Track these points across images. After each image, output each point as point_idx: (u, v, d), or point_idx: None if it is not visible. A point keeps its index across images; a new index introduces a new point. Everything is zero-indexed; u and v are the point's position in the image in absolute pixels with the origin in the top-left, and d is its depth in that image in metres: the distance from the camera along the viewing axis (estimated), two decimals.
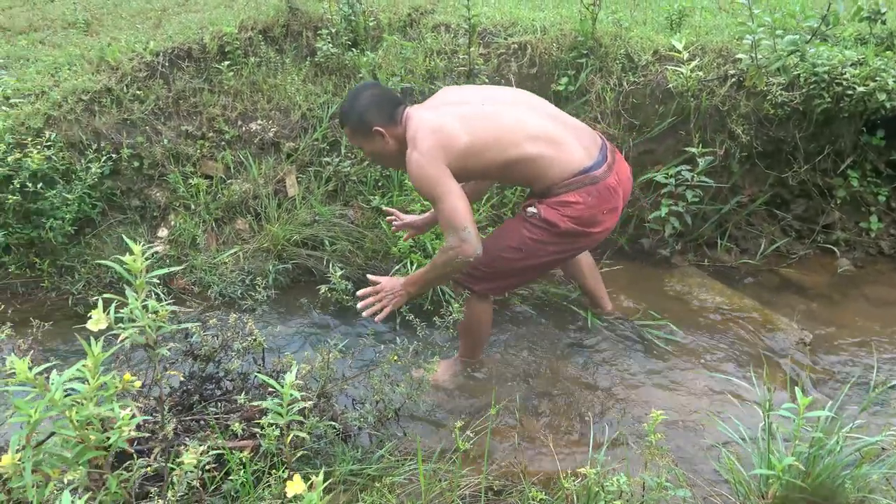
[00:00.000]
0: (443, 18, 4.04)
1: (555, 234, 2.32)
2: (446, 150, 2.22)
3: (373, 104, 2.34)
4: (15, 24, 5.03)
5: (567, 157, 2.29)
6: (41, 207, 3.34)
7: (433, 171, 2.22)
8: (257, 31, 4.15)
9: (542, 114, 2.39)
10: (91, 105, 3.67)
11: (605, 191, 2.31)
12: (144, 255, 1.27)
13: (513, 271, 2.47)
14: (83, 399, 1.07)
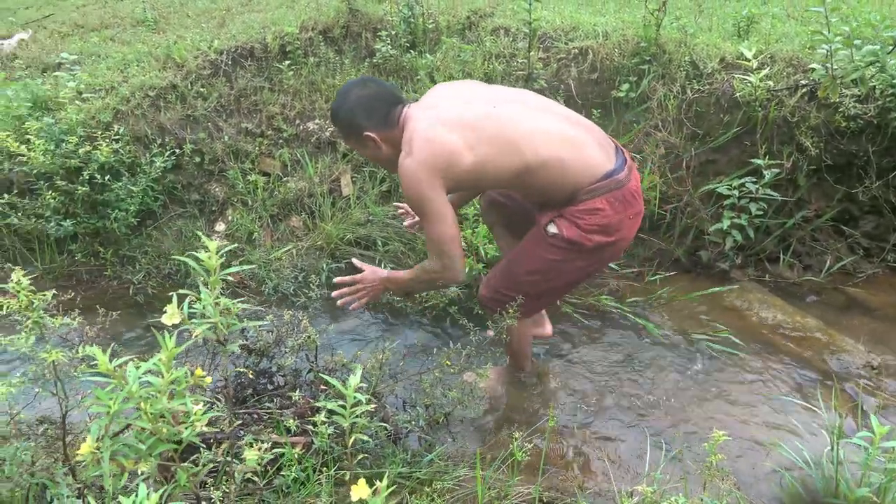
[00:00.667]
0: (502, 22, 4.01)
1: (578, 251, 2.13)
2: (445, 170, 2.01)
3: (361, 105, 2.10)
4: (88, 21, 5.24)
5: (589, 160, 2.07)
6: (107, 198, 3.46)
7: (426, 190, 2.02)
8: (317, 32, 4.22)
9: (558, 115, 2.15)
10: (157, 101, 3.78)
11: (629, 195, 2.11)
12: (218, 253, 1.29)
13: (539, 293, 2.29)
14: (157, 392, 1.09)
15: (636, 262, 3.45)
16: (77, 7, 5.77)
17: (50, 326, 1.44)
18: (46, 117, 3.47)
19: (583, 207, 2.07)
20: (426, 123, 2.04)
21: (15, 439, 1.63)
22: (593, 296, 3.20)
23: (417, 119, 2.07)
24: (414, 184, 2.02)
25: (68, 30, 5.15)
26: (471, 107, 2.09)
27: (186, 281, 3.51)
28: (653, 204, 3.34)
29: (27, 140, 3.35)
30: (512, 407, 2.53)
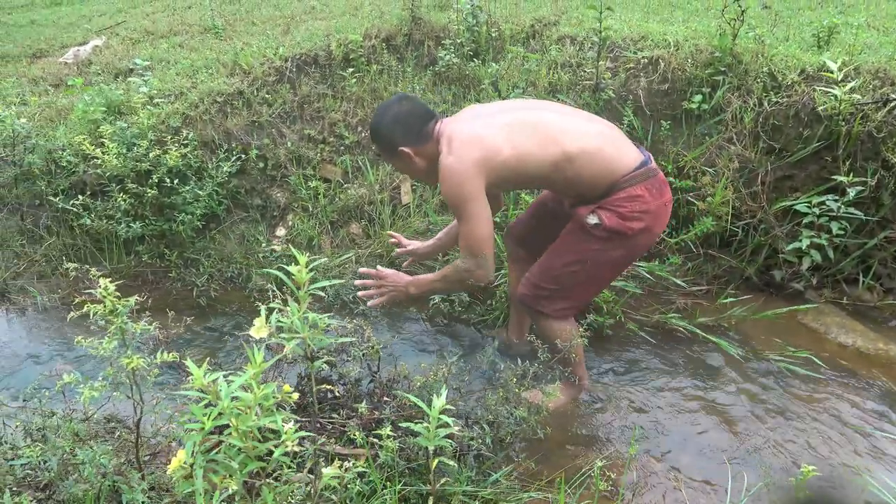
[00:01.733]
0: (567, 30, 3.95)
1: (619, 239, 2.19)
2: (487, 166, 2.07)
3: (398, 123, 2.20)
4: (158, 28, 5.39)
5: (624, 151, 2.18)
6: (174, 202, 3.52)
7: (467, 186, 2.08)
8: (381, 40, 4.23)
9: (587, 117, 2.29)
10: (224, 107, 3.85)
11: (661, 183, 2.22)
12: (308, 268, 1.27)
13: (581, 285, 2.32)
14: (246, 408, 1.07)
15: (704, 279, 3.32)
16: (147, 14, 5.96)
17: (131, 332, 1.44)
18: (119, 121, 3.57)
19: (623, 195, 2.14)
20: (465, 126, 2.15)
21: (92, 441, 1.64)
22: (660, 313, 3.10)
23: (455, 126, 2.18)
24: (455, 182, 2.08)
25: (139, 36, 5.31)
26: (506, 113, 2.22)
27: (248, 285, 3.54)
28: (724, 220, 3.21)
29: (101, 143, 3.45)
30: (579, 429, 2.44)
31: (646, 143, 3.37)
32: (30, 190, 3.78)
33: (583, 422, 2.49)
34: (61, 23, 6.24)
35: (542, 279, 2.31)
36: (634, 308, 3.14)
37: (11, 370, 3.03)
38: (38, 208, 3.82)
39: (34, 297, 3.51)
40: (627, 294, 3.11)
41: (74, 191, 3.66)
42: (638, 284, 3.18)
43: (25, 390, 2.10)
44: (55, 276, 3.68)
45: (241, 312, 3.42)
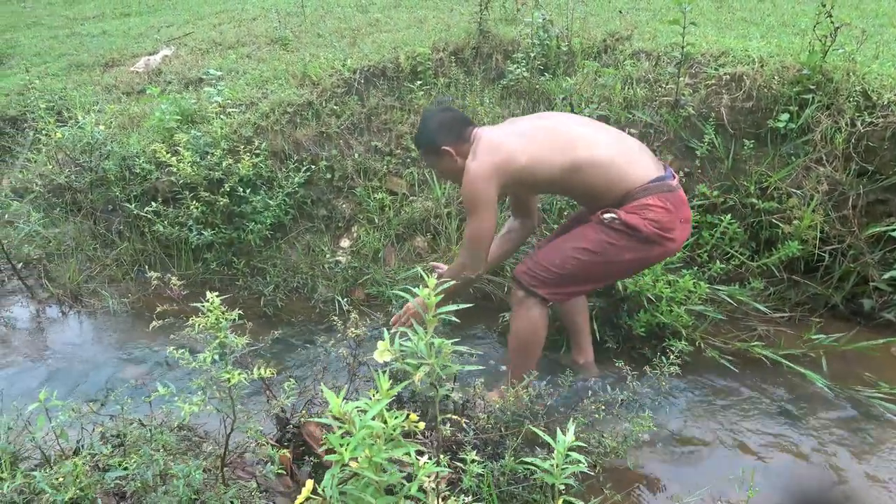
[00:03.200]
0: (641, 45, 3.85)
1: (635, 239, 2.28)
2: (503, 170, 2.30)
3: (443, 126, 2.47)
4: (225, 38, 5.49)
5: (640, 164, 2.31)
6: (244, 210, 3.54)
7: (482, 189, 2.31)
8: (448, 53, 4.21)
9: (611, 130, 2.45)
10: (294, 117, 3.87)
11: (679, 200, 2.32)
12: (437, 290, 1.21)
13: (583, 276, 2.40)
14: (376, 437, 1.02)
15: (787, 306, 3.17)
16: (214, 26, 6.08)
17: (230, 346, 1.41)
18: (193, 130, 3.62)
19: (636, 204, 2.26)
20: (491, 134, 2.41)
21: (183, 454, 1.62)
22: (741, 340, 2.96)
23: (486, 132, 2.44)
24: (472, 181, 2.32)
25: (207, 46, 5.41)
26: (530, 121, 2.50)
27: (313, 296, 3.53)
28: (811, 244, 3.06)
29: (176, 151, 3.49)
30: (662, 461, 2.33)
31: (727, 162, 3.25)
32: (104, 195, 3.85)
33: (663, 453, 2.37)
34: (131, 33, 6.41)
35: (548, 258, 2.38)
36: (713, 334, 3.01)
37: (83, 374, 3.07)
38: (111, 213, 3.90)
39: (105, 301, 3.57)
40: (707, 319, 2.98)
41: (147, 197, 3.72)
42: (717, 309, 3.05)
43: (111, 395, 2.10)
44: (125, 281, 3.74)
45: (306, 323, 3.41)
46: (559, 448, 1.25)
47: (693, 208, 3.26)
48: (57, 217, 3.90)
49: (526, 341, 2.49)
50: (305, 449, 2.23)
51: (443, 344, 1.20)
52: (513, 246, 2.86)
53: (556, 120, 2.49)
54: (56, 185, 3.91)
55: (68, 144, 3.81)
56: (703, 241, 3.27)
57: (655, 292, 2.90)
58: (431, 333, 1.20)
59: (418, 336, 1.21)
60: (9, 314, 3.59)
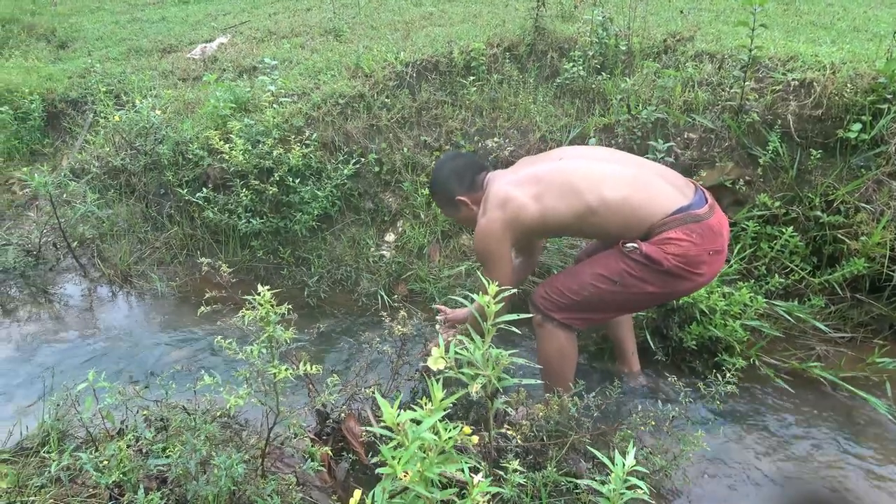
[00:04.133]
0: (704, 47, 3.72)
1: (657, 272, 2.14)
2: (513, 225, 2.23)
3: (454, 175, 2.44)
4: (280, 28, 5.53)
5: (659, 198, 2.16)
6: (292, 200, 3.55)
7: (493, 245, 2.26)
8: (503, 49, 4.14)
9: (628, 162, 2.29)
10: (345, 109, 3.86)
11: (708, 231, 2.13)
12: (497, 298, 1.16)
13: (600, 304, 2.28)
14: (428, 450, 0.98)
15: (848, 326, 3.01)
16: (270, 15, 6.13)
17: (278, 340, 1.39)
18: (246, 118, 3.64)
19: (656, 240, 2.12)
20: (500, 185, 2.31)
21: (225, 445, 1.61)
22: (797, 359, 2.83)
23: (496, 182, 2.34)
24: (484, 239, 2.27)
25: (262, 35, 5.46)
26: (542, 163, 2.34)
27: (356, 289, 3.52)
28: (879, 262, 2.90)
29: (228, 139, 3.52)
30: (711, 481, 2.23)
31: (791, 171, 3.10)
32: (157, 179, 3.92)
33: (712, 474, 2.27)
34: (189, 20, 6.53)
35: (566, 284, 2.29)
36: (768, 351, 2.88)
37: (129, 354, 3.12)
38: (162, 197, 3.96)
39: (153, 283, 3.63)
40: (763, 336, 2.85)
41: (198, 183, 3.76)
42: (773, 325, 2.92)
43: (156, 379, 2.12)
44: (174, 264, 3.79)
45: (348, 316, 3.40)
46: (617, 471, 1.18)
47: (752, 218, 3.14)
48: (111, 198, 3.99)
49: (555, 365, 2.39)
50: (344, 444, 2.22)
51: (500, 355, 1.14)
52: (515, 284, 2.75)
53: (570, 160, 2.31)
54: (112, 167, 3.99)
55: (125, 127, 3.88)
56: (761, 253, 3.13)
57: (709, 304, 2.80)
58: (489, 343, 1.15)
59: (475, 345, 1.16)
60: (63, 291, 3.69)
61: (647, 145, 3.35)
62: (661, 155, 3.22)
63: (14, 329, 3.37)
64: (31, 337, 3.29)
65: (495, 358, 1.14)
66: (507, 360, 1.17)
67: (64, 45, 6.35)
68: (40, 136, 4.82)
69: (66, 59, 5.86)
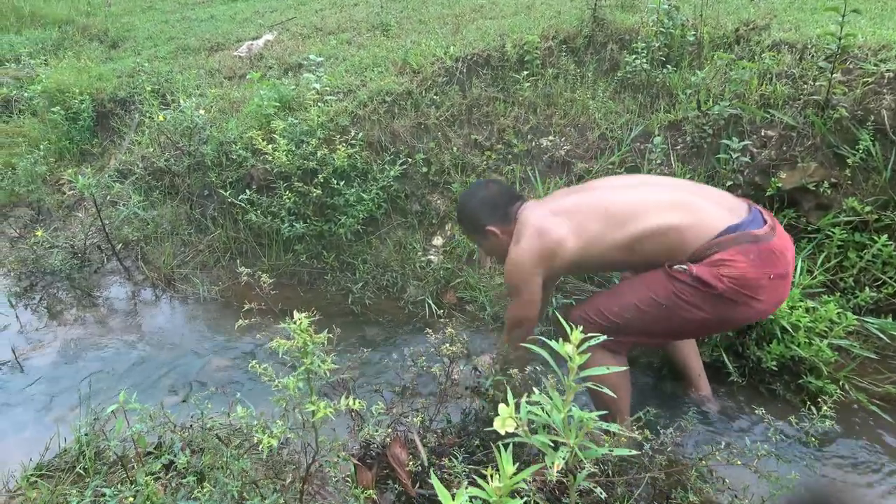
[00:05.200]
0: (782, 36, 3.40)
1: (709, 296, 1.93)
2: (549, 257, 2.12)
3: (486, 205, 2.34)
4: (326, 24, 5.41)
5: (706, 219, 1.97)
6: (336, 203, 3.40)
7: (526, 275, 2.17)
8: (558, 42, 3.90)
9: (671, 187, 2.14)
10: (392, 107, 3.69)
11: (768, 253, 1.91)
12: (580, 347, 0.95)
13: (644, 328, 2.07)
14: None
15: None
16: (316, 11, 6.02)
17: (317, 373, 1.22)
18: (290, 117, 3.51)
19: (707, 262, 1.94)
20: (538, 215, 2.20)
21: (261, 483, 1.45)
22: (893, 382, 2.52)
23: (531, 212, 2.23)
24: (516, 270, 2.18)
25: (308, 32, 5.35)
26: (578, 196, 2.23)
27: (403, 296, 3.35)
28: None
29: (272, 139, 3.39)
30: None
31: (885, 173, 2.78)
32: (201, 180, 3.83)
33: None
34: (237, 18, 6.48)
35: (605, 306, 2.12)
36: (859, 374, 2.58)
37: (170, 363, 3.04)
38: (206, 199, 3.88)
39: (196, 288, 3.54)
40: (853, 357, 2.56)
41: (241, 184, 3.66)
42: (863, 344, 2.62)
43: (191, 398, 1.99)
44: (217, 268, 3.70)
45: (394, 324, 3.24)
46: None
47: (838, 224, 2.84)
48: (156, 200, 3.93)
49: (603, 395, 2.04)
50: (389, 472, 2.05)
51: (586, 419, 0.93)
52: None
53: (606, 190, 2.21)
54: (156, 168, 3.93)
55: (169, 128, 3.81)
56: (848, 263, 2.83)
57: (792, 321, 2.52)
58: (570, 402, 0.94)
59: (553, 404, 0.95)
60: (107, 294, 3.64)
61: (719, 144, 3.07)
62: (735, 154, 2.94)
63: (59, 333, 3.34)
64: (75, 342, 3.24)
65: (578, 422, 0.93)
66: (594, 425, 0.95)
67: (115, 45, 6.39)
68: (90, 136, 4.82)
69: (116, 58, 5.88)
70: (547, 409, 0.93)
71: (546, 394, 0.96)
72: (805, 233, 2.95)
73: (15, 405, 2.83)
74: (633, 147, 3.33)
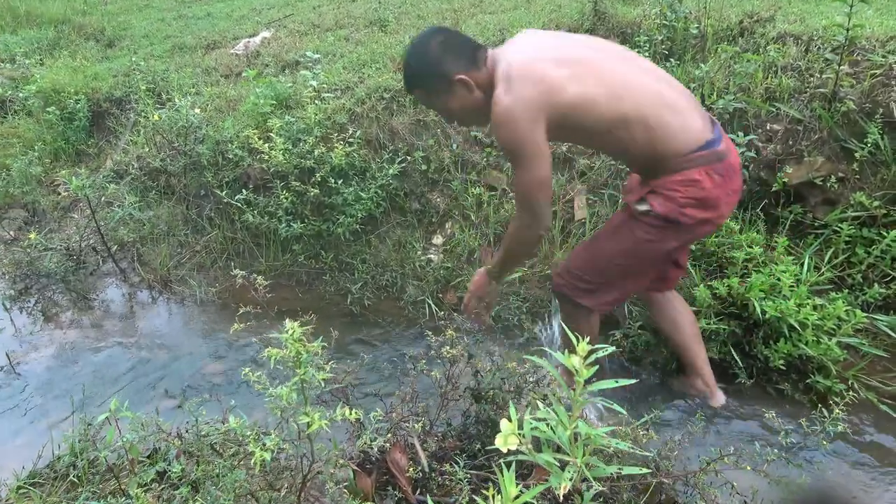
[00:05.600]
0: (787, 28, 3.34)
1: (673, 228, 1.95)
2: (550, 103, 1.81)
3: (448, 50, 1.90)
4: (324, 21, 5.35)
5: (691, 126, 1.88)
6: (334, 202, 3.35)
7: (527, 129, 1.81)
8: None
9: (657, 75, 1.96)
10: (391, 104, 3.63)
11: (730, 169, 1.93)
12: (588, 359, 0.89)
13: (625, 277, 2.12)
14: None
15: None
16: (314, 7, 5.97)
17: (311, 383, 1.17)
18: (287, 116, 3.45)
19: (679, 178, 1.90)
20: (524, 57, 1.87)
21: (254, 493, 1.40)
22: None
23: (511, 57, 1.88)
24: (512, 124, 1.82)
25: (306, 29, 5.29)
26: (571, 46, 1.95)
27: (402, 296, 3.30)
28: None
29: (268, 137, 3.34)
30: None
31: (894, 167, 2.72)
32: (197, 180, 3.78)
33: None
34: (234, 15, 6.42)
35: (586, 271, 2.12)
36: (869, 372, 2.53)
37: (167, 366, 2.99)
38: (202, 199, 3.82)
39: (193, 289, 3.49)
40: (862, 355, 2.51)
41: (238, 184, 3.60)
42: (872, 342, 2.56)
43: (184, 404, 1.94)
44: (214, 269, 3.65)
45: (393, 325, 3.19)
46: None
47: (846, 220, 2.78)
48: (151, 200, 3.88)
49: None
50: (389, 478, 2.00)
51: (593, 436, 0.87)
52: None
53: (608, 60, 1.92)
54: (152, 168, 3.88)
55: (165, 127, 3.76)
56: (856, 259, 2.77)
57: (800, 318, 2.46)
58: (578, 417, 0.89)
59: (559, 419, 0.89)
60: (103, 297, 3.60)
61: None
62: (740, 149, 2.88)
63: (54, 336, 3.29)
64: (71, 345, 3.19)
65: (585, 438, 0.88)
66: (602, 442, 0.89)
67: (112, 44, 6.34)
68: (86, 136, 4.77)
69: (112, 57, 5.83)
70: (552, 425, 0.88)
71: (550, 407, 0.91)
72: (812, 228, 2.89)
73: (9, 410, 2.78)
74: None
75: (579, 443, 0.86)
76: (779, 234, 2.82)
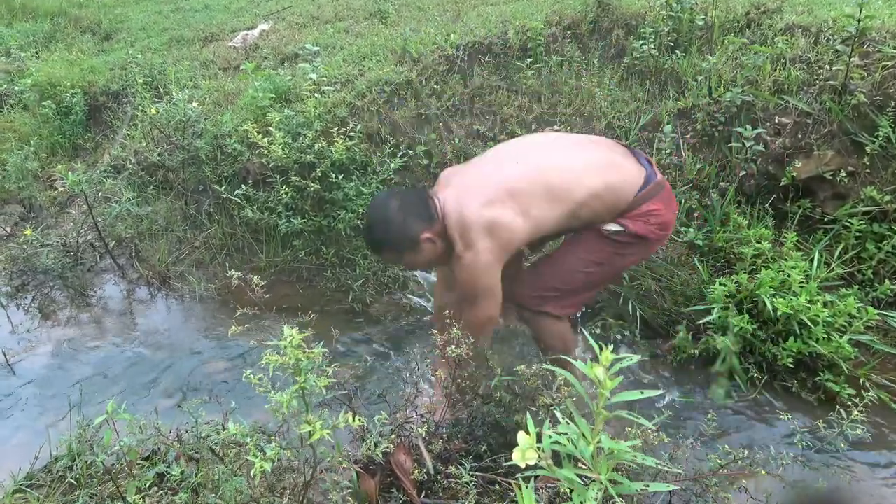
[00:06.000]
0: (795, 19, 3.28)
1: (642, 244, 2.20)
2: (507, 249, 2.06)
3: (409, 212, 2.08)
4: (323, 13, 5.28)
5: (630, 175, 2.14)
6: (335, 197, 3.29)
7: (487, 279, 2.05)
8: (563, 27, 3.78)
9: (586, 148, 2.21)
10: (392, 97, 3.57)
11: (670, 192, 2.23)
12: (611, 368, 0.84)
13: (590, 285, 2.31)
14: None
15: None
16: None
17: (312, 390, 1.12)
18: (287, 109, 3.40)
19: (639, 212, 2.12)
20: (470, 208, 2.03)
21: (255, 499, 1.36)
22: None
23: (457, 204, 2.05)
24: (475, 274, 2.04)
25: (305, 21, 5.22)
26: (502, 170, 2.11)
27: (404, 293, 3.25)
28: None
29: (267, 132, 3.28)
30: None
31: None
32: (195, 175, 3.73)
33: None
34: (232, 7, 6.34)
35: (553, 280, 2.26)
36: (880, 370, 2.49)
37: (166, 365, 2.94)
38: (201, 194, 3.77)
39: (192, 286, 3.44)
40: (873, 353, 2.47)
41: (237, 179, 3.55)
42: (885, 340, 2.52)
43: (183, 405, 1.90)
44: (213, 265, 3.60)
45: (396, 322, 3.14)
46: None
47: (856, 215, 2.73)
48: (149, 195, 3.82)
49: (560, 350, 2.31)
50: (393, 480, 1.96)
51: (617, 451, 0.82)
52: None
53: (530, 162, 2.12)
54: (150, 162, 3.82)
55: (162, 121, 3.70)
56: (866, 255, 2.73)
57: (810, 315, 2.42)
58: (601, 431, 0.84)
59: (581, 434, 0.84)
60: (101, 293, 3.55)
61: (731, 132, 2.96)
62: (748, 143, 2.83)
63: (52, 334, 3.24)
64: (69, 343, 3.15)
65: (608, 453, 0.83)
66: (626, 457, 0.85)
67: (108, 37, 6.26)
68: (82, 130, 4.70)
69: (109, 50, 5.76)
70: (573, 439, 0.83)
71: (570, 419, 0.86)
72: (821, 223, 2.84)
73: (6, 410, 2.74)
74: (641, 136, 3.22)
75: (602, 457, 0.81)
76: (787, 230, 2.78)
